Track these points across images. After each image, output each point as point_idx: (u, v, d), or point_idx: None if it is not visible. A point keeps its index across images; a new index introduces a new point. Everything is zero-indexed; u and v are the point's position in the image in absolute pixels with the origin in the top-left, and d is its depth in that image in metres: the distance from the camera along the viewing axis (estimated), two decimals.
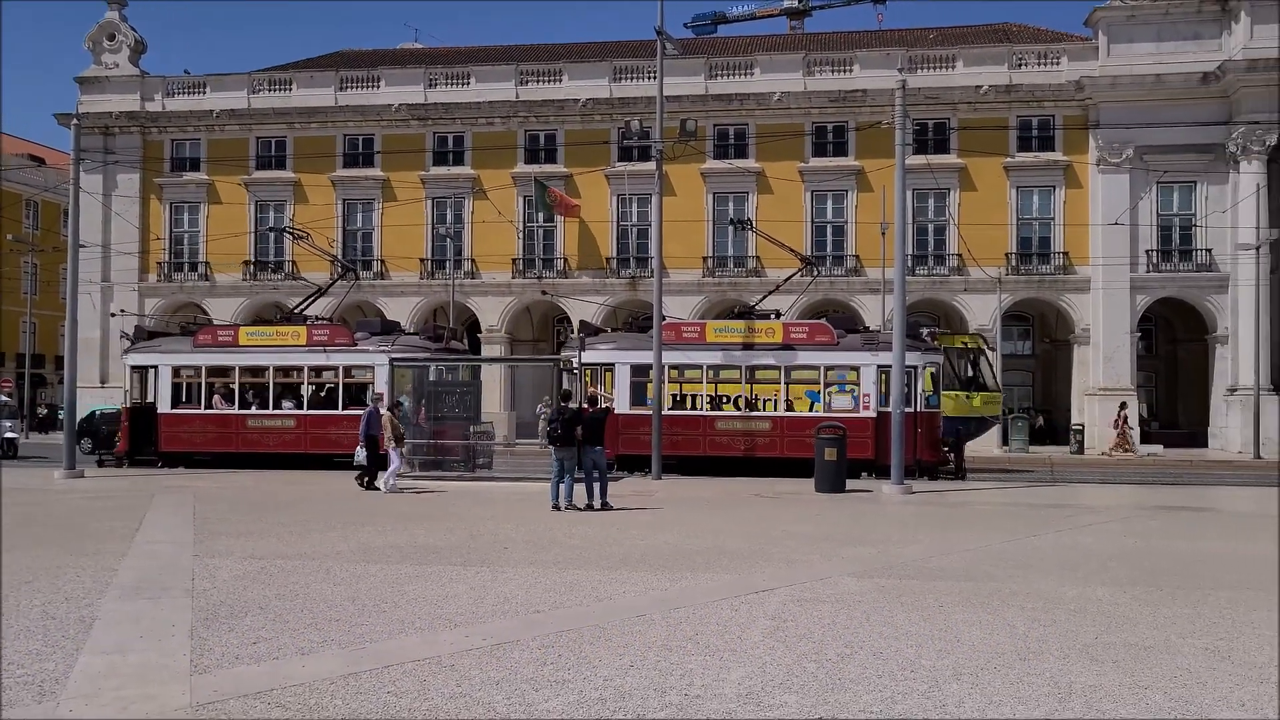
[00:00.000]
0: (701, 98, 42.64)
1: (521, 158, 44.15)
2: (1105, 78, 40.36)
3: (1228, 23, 40.12)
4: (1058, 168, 41.41)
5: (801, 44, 48.08)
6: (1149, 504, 19.11)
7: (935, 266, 42.24)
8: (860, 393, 24.37)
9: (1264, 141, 38.84)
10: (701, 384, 25.43)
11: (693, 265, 42.29)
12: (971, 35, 46.71)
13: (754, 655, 6.87)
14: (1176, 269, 40.94)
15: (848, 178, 42.14)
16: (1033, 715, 5.57)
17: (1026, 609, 8.49)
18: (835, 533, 14.03)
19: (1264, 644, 7.34)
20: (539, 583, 9.63)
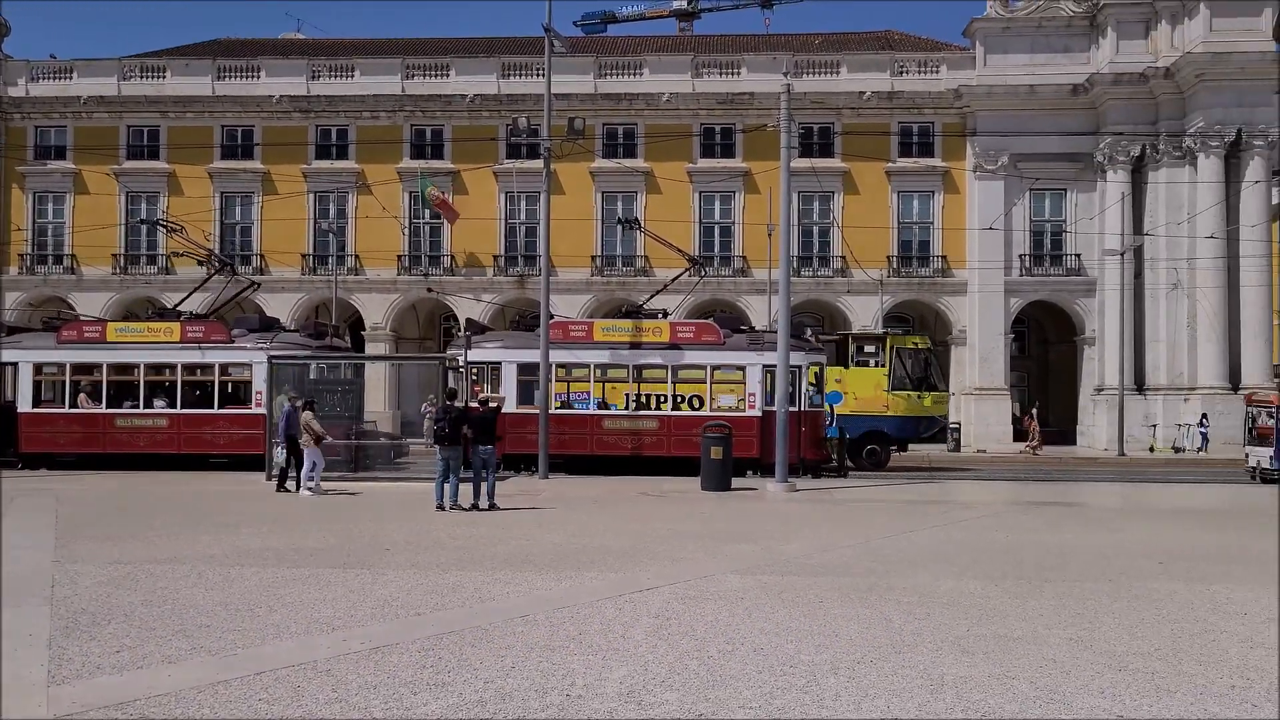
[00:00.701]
0: (591, 96, 42.64)
1: (407, 153, 43.49)
2: (982, 87, 41.66)
3: (1096, 37, 41.80)
4: (937, 173, 42.59)
5: (690, 45, 48.48)
6: (1021, 500, 19.76)
7: (820, 268, 43.03)
8: (746, 392, 24.64)
9: (1128, 152, 40.59)
10: (589, 383, 25.39)
11: (581, 264, 42.25)
12: (855, 42, 47.71)
13: (636, 654, 6.87)
14: (1048, 273, 42.51)
15: (735, 179, 42.64)
16: (906, 706, 5.68)
17: (903, 603, 8.68)
18: (720, 531, 14.14)
19: (1123, 633, 7.64)
20: (420, 584, 9.47)
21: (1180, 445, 38.63)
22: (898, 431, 29.29)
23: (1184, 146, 39.94)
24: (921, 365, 29.83)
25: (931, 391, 29.66)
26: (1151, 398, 40.27)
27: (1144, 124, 40.59)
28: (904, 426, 29.22)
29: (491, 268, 43.06)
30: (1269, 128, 39.33)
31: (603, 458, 24.61)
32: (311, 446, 18.98)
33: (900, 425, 29.12)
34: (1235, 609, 8.60)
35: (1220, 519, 17.38)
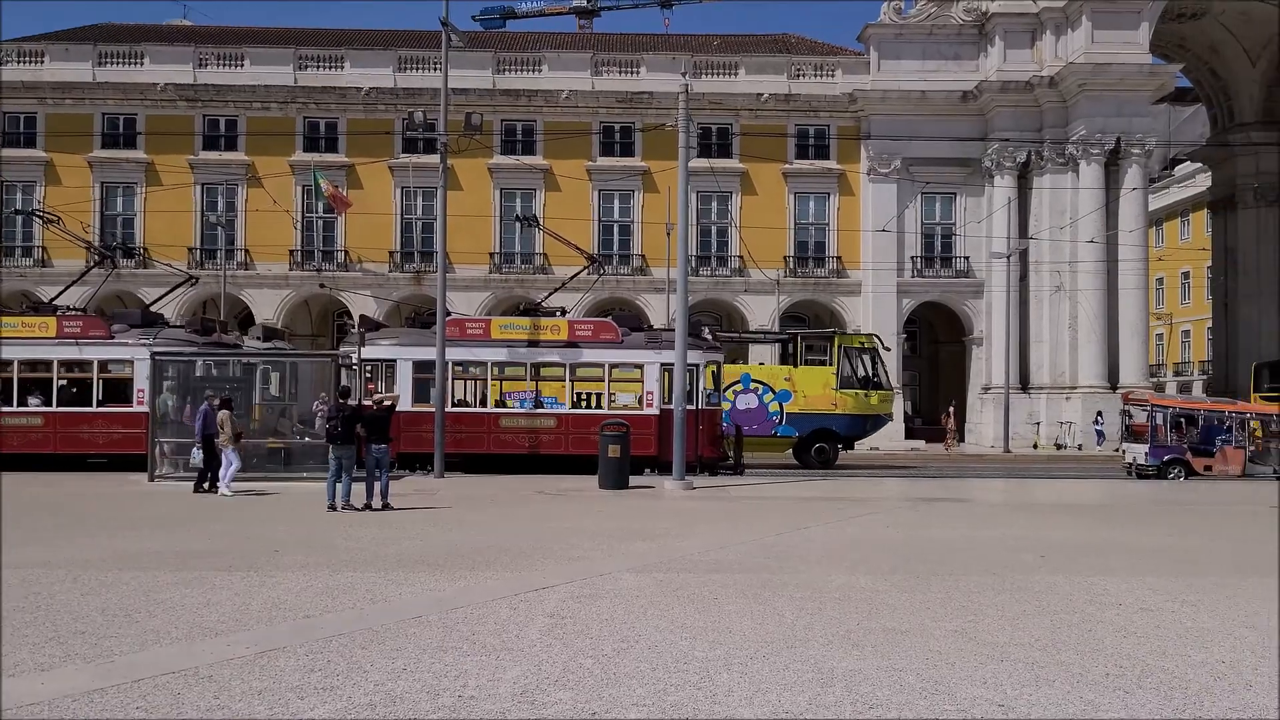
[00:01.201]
0: (489, 92, 42.32)
1: (300, 145, 42.60)
2: (876, 91, 42.53)
3: (985, 46, 43.03)
4: (832, 175, 43.35)
5: (590, 44, 48.42)
6: (911, 496, 20.20)
7: (718, 267, 43.43)
8: (644, 390, 24.71)
9: (1015, 158, 41.90)
10: (486, 381, 25.19)
11: (479, 261, 41.92)
12: (753, 44, 48.26)
13: (531, 653, 6.81)
14: (938, 275, 43.62)
15: (634, 178, 42.75)
16: (797, 700, 5.75)
17: (795, 598, 8.78)
18: (616, 529, 14.13)
19: (1005, 624, 7.85)
20: (310, 586, 9.25)
21: (1062, 442, 40.03)
22: (846, 430, 29.90)
23: (1067, 154, 41.38)
24: (868, 364, 30.26)
25: (877, 390, 30.08)
26: (1035, 396, 41.65)
27: (1029, 131, 41.94)
28: (852, 425, 29.85)
29: (387, 264, 42.42)
30: (1145, 137, 41.00)
31: (500, 456, 24.43)
32: (229, 447, 18.44)
33: (848, 423, 29.73)
34: (1111, 600, 8.92)
35: (1098, 513, 18.03)
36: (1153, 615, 8.29)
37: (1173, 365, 72.84)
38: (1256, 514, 17.74)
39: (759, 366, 31.14)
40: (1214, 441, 26.80)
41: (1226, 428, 27.02)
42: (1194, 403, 28.26)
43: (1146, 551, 12.50)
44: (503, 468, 24.14)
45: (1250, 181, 50.96)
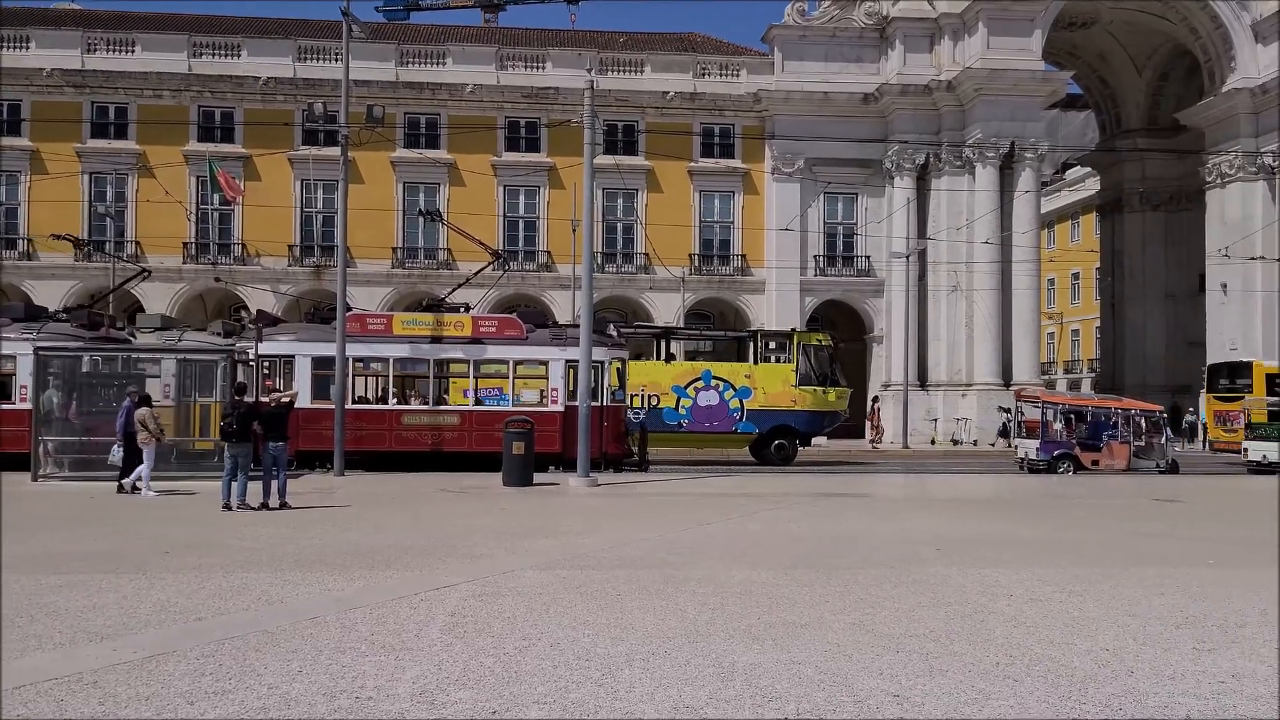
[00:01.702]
0: (392, 84, 41.72)
1: (194, 135, 41.42)
2: (780, 92, 43.04)
3: (885, 49, 43.87)
4: (737, 174, 43.74)
5: (495, 38, 48.05)
6: (813, 491, 20.49)
7: (624, 264, 43.50)
8: (549, 387, 24.62)
9: (914, 160, 42.81)
10: (388, 377, 24.82)
11: (382, 256, 41.31)
12: (659, 42, 48.43)
13: (431, 653, 6.73)
14: (840, 274, 44.35)
15: (540, 174, 42.58)
16: (698, 695, 5.78)
17: (697, 594, 8.83)
18: (520, 526, 14.05)
19: (901, 616, 8.01)
20: (203, 588, 9.00)
21: (958, 438, 41.06)
22: (805, 426, 30.22)
23: (964, 156, 42.42)
24: (826, 361, 30.59)
25: (835, 387, 30.45)
26: (933, 393, 42.63)
27: (928, 133, 42.88)
28: (811, 421, 30.21)
29: (286, 258, 41.51)
30: (1038, 142, 42.27)
31: (403, 454, 24.10)
32: (149, 445, 17.83)
33: (807, 420, 30.06)
34: (1002, 591, 9.16)
35: (992, 507, 18.52)
36: (1041, 605, 8.54)
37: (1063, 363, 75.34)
38: (1139, 507, 18.43)
39: (720, 364, 31.36)
40: (1101, 437, 27.76)
41: (1113, 424, 28.01)
42: (1082, 399, 29.24)
43: (1037, 544, 12.88)
44: (405, 466, 23.82)
45: (1136, 186, 52.94)
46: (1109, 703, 5.72)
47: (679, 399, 29.03)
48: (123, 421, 18.58)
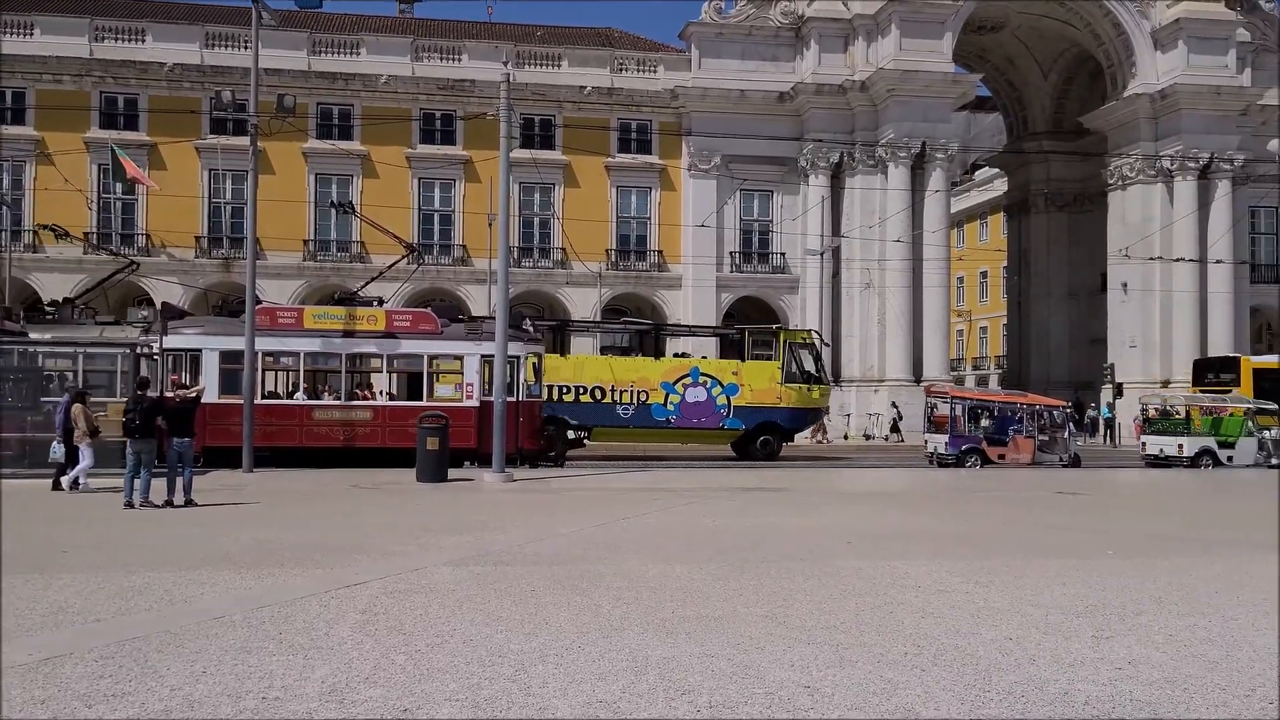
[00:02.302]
0: (304, 73, 40.94)
1: (97, 121, 40.13)
2: (696, 89, 43.25)
3: (801, 49, 44.36)
4: (654, 170, 43.86)
5: (410, 28, 47.47)
6: (730, 486, 20.64)
7: (540, 259, 43.33)
8: (464, 382, 24.40)
9: (828, 159, 43.38)
10: (299, 372, 24.37)
11: (293, 248, 40.54)
12: (576, 37, 48.31)
13: (340, 651, 6.62)
14: (756, 270, 44.76)
15: (455, 167, 42.19)
16: (610, 689, 5.78)
17: (612, 589, 8.83)
18: (434, 522, 13.91)
19: (813, 608, 8.11)
20: (102, 588, 8.72)
21: (870, 433, 41.73)
22: (790, 422, 30.66)
23: (877, 156, 43.10)
24: (811, 359, 30.94)
25: (818, 384, 30.86)
26: (846, 389, 43.26)
27: (842, 133, 43.47)
28: (795, 418, 30.67)
29: (193, 249, 40.48)
30: (948, 142, 43.14)
31: (314, 450, 23.67)
32: (85, 442, 17.25)
33: (792, 416, 30.48)
34: (911, 583, 9.33)
35: (903, 501, 18.88)
36: (948, 596, 8.72)
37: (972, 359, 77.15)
38: (1043, 500, 18.93)
39: (707, 360, 31.74)
40: (1007, 432, 28.45)
41: (1018, 419, 28.73)
42: (989, 395, 29.94)
43: (945, 536, 13.15)
44: (317, 462, 23.40)
45: (1042, 187, 54.38)
46: (1011, 690, 5.86)
47: (667, 395, 29.34)
48: (61, 418, 18.10)
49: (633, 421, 29.21)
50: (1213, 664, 6.52)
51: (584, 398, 28.86)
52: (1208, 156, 44.84)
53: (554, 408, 28.12)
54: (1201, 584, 9.46)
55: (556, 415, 27.96)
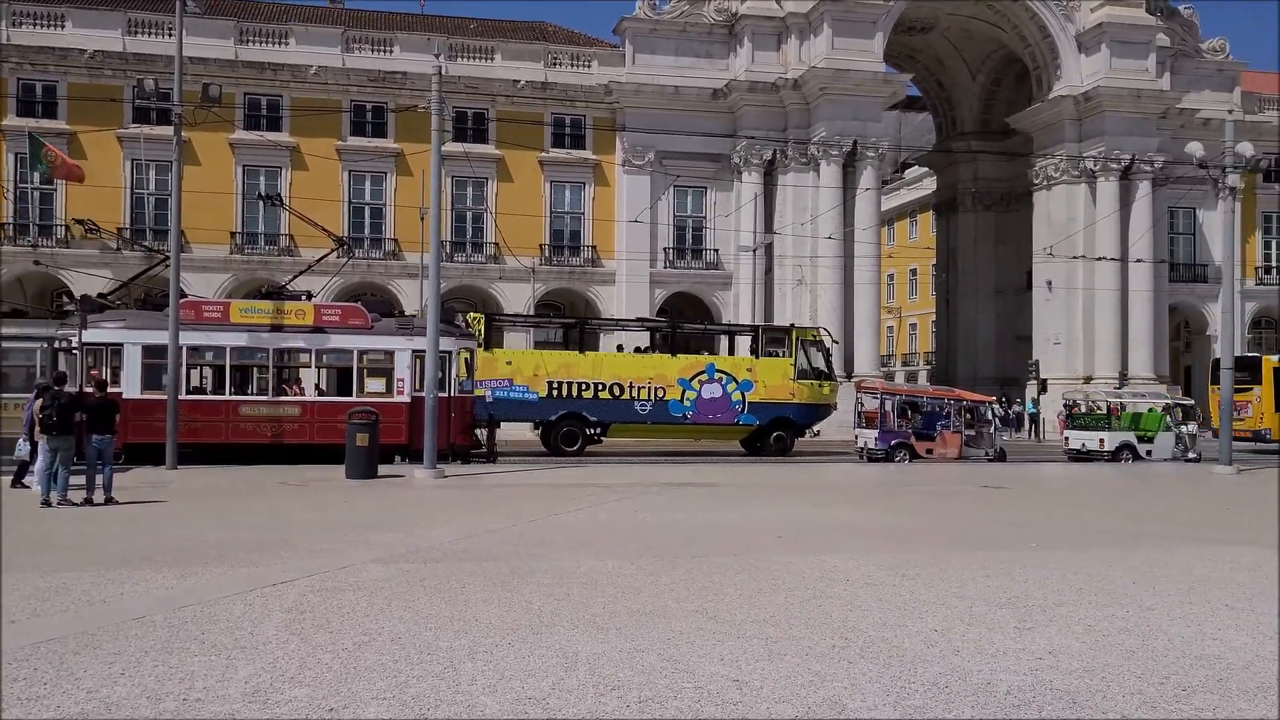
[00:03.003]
0: (231, 63, 40.12)
1: (13, 109, 38.95)
2: (631, 84, 43.23)
3: (735, 46, 44.54)
4: (588, 165, 43.76)
5: (341, 19, 46.78)
6: (660, 481, 20.69)
7: (473, 254, 43.00)
8: (395, 377, 24.15)
9: (761, 156, 43.63)
10: (225, 367, 23.91)
11: (219, 241, 39.75)
12: (510, 30, 48.02)
13: (265, 651, 6.51)
14: (689, 266, 44.89)
15: (387, 160, 41.71)
16: (540, 685, 5.76)
17: (544, 585, 8.81)
18: (364, 519, 13.76)
19: (742, 602, 8.17)
20: (17, 589, 8.48)
21: None
22: (802, 418, 31.22)
23: (809, 154, 43.44)
24: (822, 356, 31.40)
25: (828, 380, 31.36)
26: None
27: (775, 130, 43.74)
28: (807, 413, 31.24)
29: (115, 240, 39.48)
30: (879, 141, 43.65)
31: (241, 447, 23.26)
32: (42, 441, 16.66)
33: (804, 412, 31.04)
34: (840, 576, 9.44)
35: (832, 495, 19.08)
36: (876, 589, 8.84)
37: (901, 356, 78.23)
38: (969, 494, 19.27)
39: (723, 357, 32.18)
40: (935, 427, 28.90)
41: (946, 414, 29.20)
42: (918, 391, 30.39)
43: (873, 530, 13.33)
44: (244, 459, 22.99)
45: (969, 187, 55.29)
46: (936, 681, 5.95)
47: (684, 392, 29.77)
48: (28, 414, 17.61)
49: (650, 418, 29.78)
50: (1129, 653, 6.68)
51: (603, 395, 29.28)
52: (1129, 158, 45.98)
53: (572, 405, 29.14)
54: (1121, 575, 9.70)
55: (576, 412, 29.14)
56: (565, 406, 29.14)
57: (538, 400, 29.07)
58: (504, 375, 28.59)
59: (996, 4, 47.26)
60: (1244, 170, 28.16)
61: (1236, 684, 5.99)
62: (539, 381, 28.92)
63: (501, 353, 30.08)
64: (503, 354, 29.97)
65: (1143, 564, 10.42)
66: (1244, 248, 48.81)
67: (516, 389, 28.71)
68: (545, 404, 29.18)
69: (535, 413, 29.44)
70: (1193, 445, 29.73)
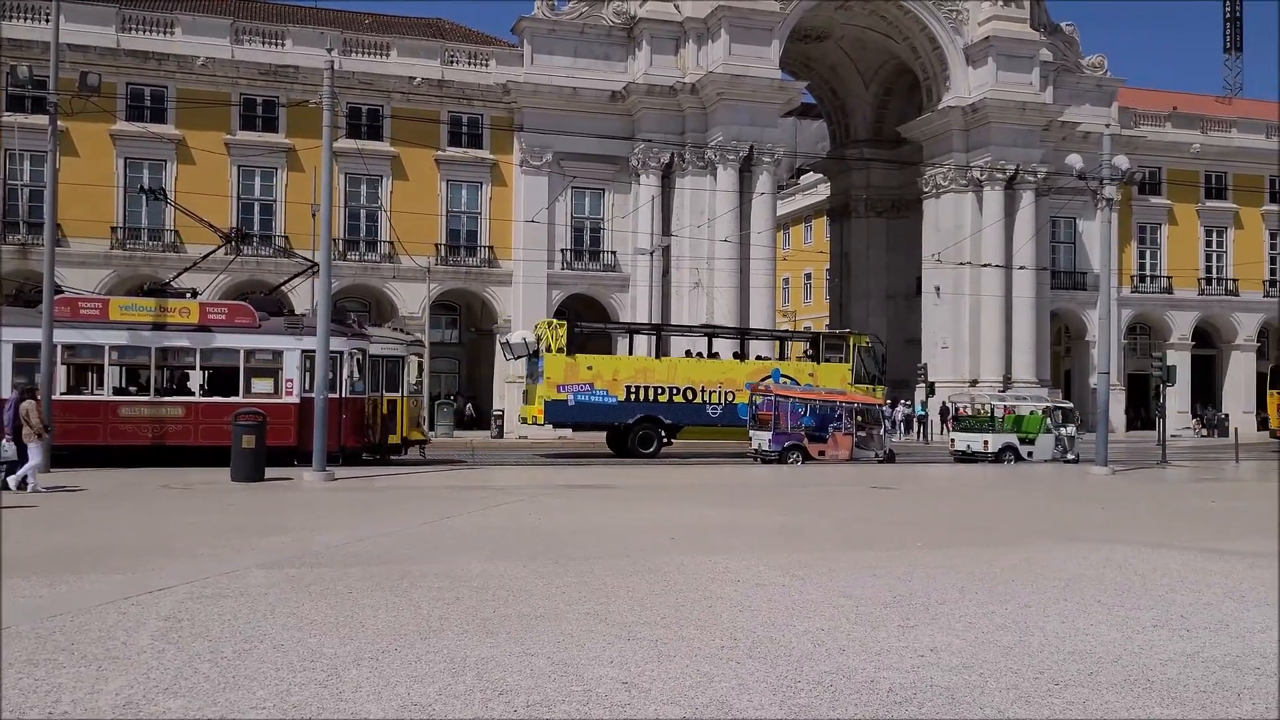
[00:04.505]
0: (113, 51, 38.72)
1: None
2: (529, 84, 43.03)
3: (633, 49, 44.68)
4: (485, 165, 43.42)
5: (231, 10, 45.53)
6: (554, 483, 20.66)
7: (367, 252, 42.31)
8: (284, 378, 23.60)
9: (659, 159, 43.85)
10: (104, 366, 23.06)
11: (100, 235, 38.35)
12: (406, 26, 47.41)
13: (139, 661, 6.28)
14: (587, 268, 44.86)
15: (278, 155, 40.76)
16: (426, 691, 5.67)
17: (433, 589, 8.69)
18: (249, 523, 13.40)
19: (634, 604, 8.17)
20: None
21: None
22: None
23: (706, 158, 43.82)
24: (876, 361, 33.35)
25: (879, 384, 33.09)
26: None
27: (673, 134, 44.01)
28: None
29: None
30: (775, 147, 44.26)
31: (121, 449, 22.46)
32: (34, 440, 16.39)
33: None
34: (731, 577, 9.52)
35: (727, 496, 19.26)
36: (766, 589, 8.94)
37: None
38: (859, 494, 19.65)
39: (788, 362, 33.90)
40: (827, 429, 29.39)
41: (837, 416, 29.71)
42: (810, 393, 30.83)
43: (765, 530, 13.49)
44: (124, 461, 22.21)
45: (862, 193, 56.46)
46: (821, 680, 6.04)
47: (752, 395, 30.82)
48: (10, 416, 16.99)
49: (720, 420, 31.13)
50: (1006, 649, 6.88)
51: (677, 398, 30.73)
52: (1014, 168, 47.49)
53: (649, 408, 30.96)
54: (1000, 573, 9.99)
55: (653, 415, 30.94)
56: (642, 410, 30.76)
57: (616, 404, 30.64)
58: (585, 380, 30.00)
59: (889, 15, 48.36)
60: (1121, 182, 29.35)
61: (1106, 677, 6.21)
62: (618, 386, 30.28)
63: (583, 358, 31.36)
64: (584, 359, 31.28)
65: (1021, 562, 10.74)
66: (1121, 257, 50.77)
67: (597, 393, 30.18)
68: (623, 407, 30.68)
69: (613, 416, 30.85)
70: (1071, 447, 30.78)
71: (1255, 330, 55.44)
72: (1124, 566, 10.45)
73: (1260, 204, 54.97)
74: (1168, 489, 23.54)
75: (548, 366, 30.84)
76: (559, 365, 30.82)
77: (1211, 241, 54.90)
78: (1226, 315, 54.86)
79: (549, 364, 30.85)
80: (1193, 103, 59.30)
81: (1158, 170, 53.43)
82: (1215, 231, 54.89)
